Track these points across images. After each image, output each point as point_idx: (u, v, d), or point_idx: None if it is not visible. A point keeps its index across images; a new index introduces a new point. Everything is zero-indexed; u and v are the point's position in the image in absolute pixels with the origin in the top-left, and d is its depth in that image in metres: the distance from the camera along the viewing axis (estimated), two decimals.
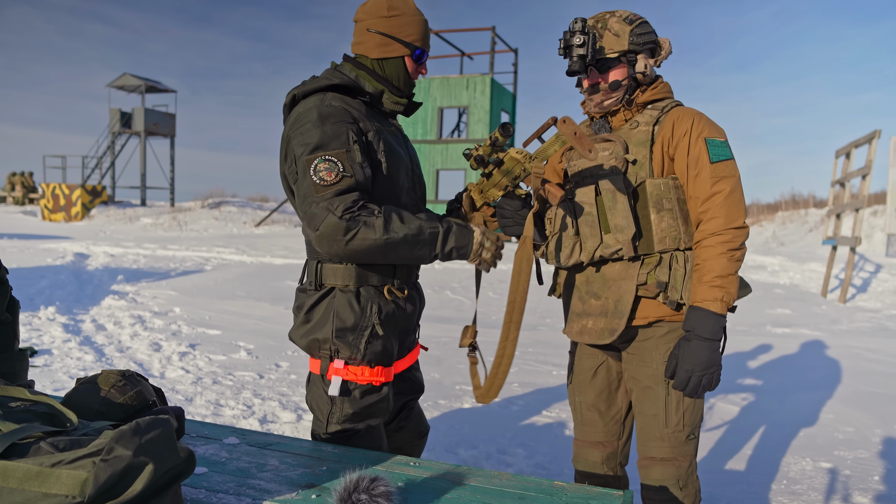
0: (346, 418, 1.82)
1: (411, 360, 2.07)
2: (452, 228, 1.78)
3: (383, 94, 1.89)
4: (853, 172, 10.13)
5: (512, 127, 1.77)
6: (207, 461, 1.53)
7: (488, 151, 1.85)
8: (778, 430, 3.88)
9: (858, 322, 7.91)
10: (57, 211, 23.29)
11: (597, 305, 1.92)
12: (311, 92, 1.82)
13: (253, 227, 20.30)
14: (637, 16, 1.92)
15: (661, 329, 1.89)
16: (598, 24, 1.91)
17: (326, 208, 1.65)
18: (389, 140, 1.86)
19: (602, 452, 2.09)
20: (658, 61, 1.96)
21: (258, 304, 7.64)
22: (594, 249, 1.88)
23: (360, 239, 1.65)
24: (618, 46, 1.88)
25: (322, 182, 1.67)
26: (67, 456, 1.08)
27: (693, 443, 1.91)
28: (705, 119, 1.88)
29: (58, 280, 8.59)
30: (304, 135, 1.73)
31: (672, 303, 1.84)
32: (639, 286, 1.86)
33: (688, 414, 1.88)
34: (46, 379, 4.32)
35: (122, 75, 26.13)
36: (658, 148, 1.87)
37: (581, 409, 2.12)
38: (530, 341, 6.13)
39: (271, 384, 4.51)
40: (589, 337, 1.94)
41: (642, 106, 1.94)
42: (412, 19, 1.86)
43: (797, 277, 11.78)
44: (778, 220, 20.23)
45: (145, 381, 1.71)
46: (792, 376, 5.16)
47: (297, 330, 1.87)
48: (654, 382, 1.90)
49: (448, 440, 3.54)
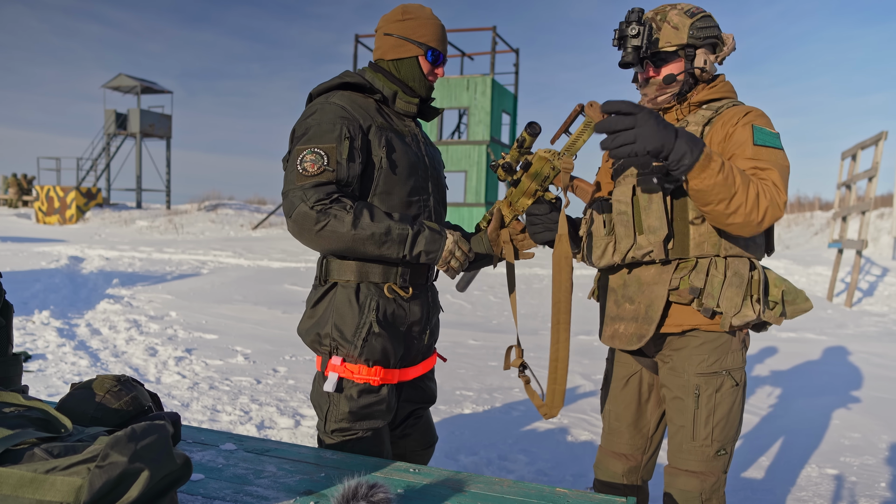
0: (343, 417, 1.85)
1: (425, 369, 2.07)
2: (423, 232, 1.81)
3: (396, 95, 1.96)
4: (859, 174, 10.14)
5: (538, 125, 1.75)
6: (204, 467, 1.53)
7: (515, 156, 1.82)
8: (783, 435, 3.88)
9: (865, 326, 7.90)
10: (51, 213, 23.29)
11: (630, 310, 1.87)
12: (324, 90, 1.94)
13: (250, 230, 20.30)
14: (700, 9, 1.85)
15: (695, 339, 1.83)
16: (657, 15, 1.85)
17: (301, 197, 1.75)
18: (394, 138, 1.91)
19: (625, 465, 2.04)
20: (720, 58, 1.89)
21: (255, 308, 7.64)
22: (627, 250, 1.83)
23: (329, 231, 1.74)
24: (676, 40, 1.82)
25: (304, 172, 1.77)
26: (62, 462, 1.08)
27: (723, 458, 1.84)
28: (760, 112, 1.79)
29: (52, 284, 8.60)
30: (302, 127, 1.85)
31: (707, 310, 1.77)
32: (671, 291, 1.80)
33: (718, 429, 1.82)
34: (41, 384, 4.31)
35: (118, 76, 26.17)
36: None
37: (609, 418, 2.08)
38: (532, 346, 6.13)
39: (269, 389, 4.51)
40: (619, 342, 1.90)
41: (697, 105, 1.88)
42: (426, 22, 1.96)
43: (802, 281, 11.78)
44: (783, 223, 20.23)
45: (141, 386, 1.71)
46: (797, 381, 5.15)
47: (303, 324, 1.94)
48: (684, 394, 1.85)
49: (448, 446, 3.54)
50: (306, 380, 4.78)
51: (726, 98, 1.88)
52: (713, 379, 1.82)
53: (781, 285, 1.85)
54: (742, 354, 1.86)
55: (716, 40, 1.86)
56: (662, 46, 1.84)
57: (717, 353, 1.82)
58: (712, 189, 1.59)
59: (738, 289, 1.77)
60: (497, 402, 4.41)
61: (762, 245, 1.88)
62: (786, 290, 1.85)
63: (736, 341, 1.84)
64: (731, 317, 1.77)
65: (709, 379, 1.82)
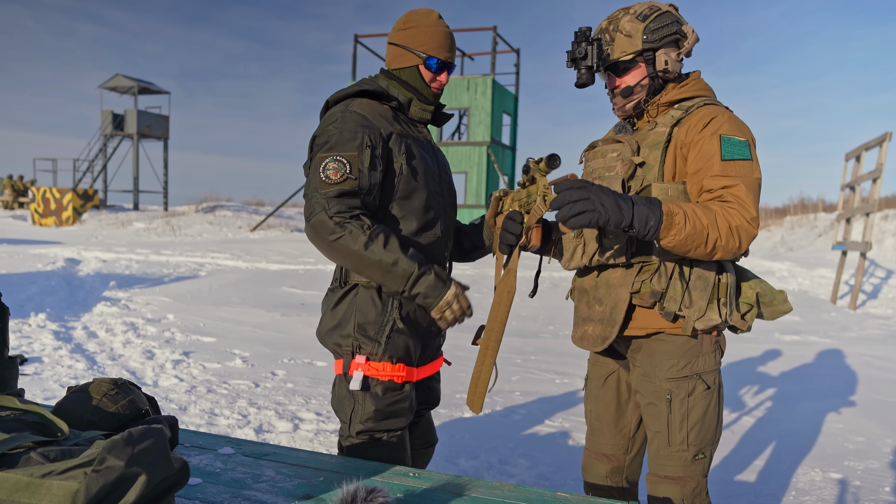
0: (369, 416, 1.89)
1: (433, 370, 2.12)
2: (428, 275, 1.83)
3: (411, 102, 2.02)
4: (864, 176, 10.15)
5: (559, 159, 1.77)
6: (202, 472, 1.53)
7: (535, 169, 1.85)
8: (786, 439, 3.88)
9: (869, 329, 7.90)
10: (47, 215, 23.30)
11: (599, 311, 1.89)
12: (342, 98, 2.00)
13: (248, 231, 20.30)
14: (653, 8, 1.83)
15: (664, 343, 1.83)
16: (609, 25, 1.85)
17: (322, 205, 1.80)
18: (412, 145, 1.97)
19: (607, 465, 2.06)
20: (682, 53, 1.87)
21: (254, 311, 7.64)
22: (594, 253, 1.85)
23: (341, 244, 1.78)
24: (631, 48, 1.82)
25: (327, 179, 1.82)
26: (58, 466, 1.08)
27: (701, 462, 1.85)
28: (728, 116, 1.78)
29: (48, 286, 8.60)
30: (324, 135, 1.90)
31: (669, 314, 1.77)
32: (633, 294, 1.81)
33: (693, 433, 1.82)
34: (37, 387, 4.32)
35: (115, 76, 26.18)
36: (672, 150, 1.80)
37: (591, 419, 2.10)
38: (532, 349, 6.13)
39: (267, 393, 4.51)
40: (587, 343, 1.92)
41: (667, 106, 1.87)
42: (427, 30, 2.00)
43: (806, 283, 11.78)
44: (786, 225, 20.23)
45: (138, 389, 1.71)
46: (801, 385, 5.15)
47: (323, 326, 1.99)
48: (657, 399, 1.85)
49: (448, 450, 3.54)
50: (305, 383, 4.78)
51: (698, 97, 1.87)
52: (684, 383, 1.82)
53: (756, 287, 1.85)
54: (714, 357, 1.86)
55: (676, 36, 1.84)
56: (618, 57, 1.84)
57: (686, 357, 1.82)
58: (685, 242, 1.62)
59: (703, 292, 1.77)
60: (497, 406, 4.41)
61: None
62: (761, 291, 1.85)
63: (707, 344, 1.84)
64: (693, 320, 1.77)
65: (680, 383, 1.82)
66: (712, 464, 3.43)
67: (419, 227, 1.97)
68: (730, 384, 5.04)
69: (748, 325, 1.85)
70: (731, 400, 4.65)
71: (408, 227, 1.95)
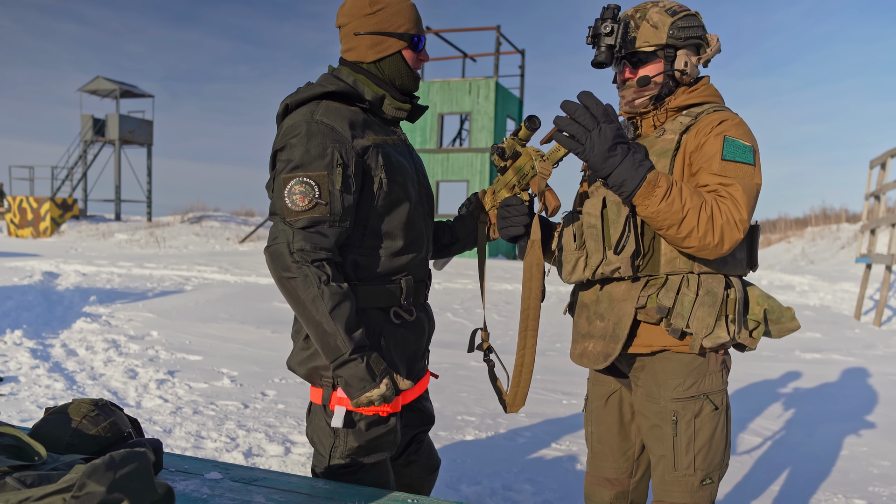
0: (351, 452, 1.82)
1: (420, 390, 2.06)
2: (357, 364, 1.68)
3: (384, 100, 1.89)
4: (889, 184, 10.16)
5: (538, 120, 1.78)
6: (188, 498, 1.53)
7: (511, 145, 1.86)
8: (807, 463, 3.87)
9: (895, 347, 7.90)
10: (24, 226, 23.34)
11: (600, 327, 1.89)
12: (304, 101, 1.82)
13: (237, 243, 20.34)
14: (683, 7, 1.86)
15: (669, 362, 1.83)
16: (636, 13, 1.86)
17: (287, 237, 1.69)
18: (390, 152, 1.85)
19: (611, 491, 2.05)
20: (703, 60, 1.89)
21: (242, 328, 7.64)
22: (597, 266, 1.84)
23: (291, 285, 1.67)
24: (655, 39, 1.82)
25: (293, 206, 1.69)
26: (36, 492, 1.08)
27: (709, 488, 1.84)
28: (737, 122, 1.79)
29: (25, 301, 8.60)
30: (288, 150, 1.75)
31: (676, 331, 1.77)
32: (638, 309, 1.81)
33: (700, 457, 1.82)
34: (13, 409, 4.31)
35: (96, 79, 26.31)
36: (681, 158, 1.80)
37: (592, 441, 2.10)
38: (538, 367, 6.12)
39: (257, 414, 4.50)
40: (587, 360, 1.92)
41: (676, 110, 1.88)
42: (398, 7, 1.86)
43: (828, 298, 11.78)
44: (807, 236, 20.25)
45: (120, 410, 1.71)
46: (823, 406, 5.15)
47: (296, 356, 1.88)
48: (661, 421, 1.85)
49: (449, 475, 3.53)
50: (297, 404, 4.78)
51: (708, 103, 1.88)
52: (691, 404, 1.82)
53: (764, 303, 1.86)
54: (722, 376, 1.86)
55: (699, 41, 1.86)
56: (640, 46, 1.85)
57: (693, 376, 1.82)
58: (657, 215, 1.66)
59: (711, 308, 1.77)
60: (501, 428, 4.40)
61: (743, 261, 1.87)
62: (769, 308, 1.86)
63: (714, 363, 1.84)
64: (701, 338, 1.77)
65: (686, 404, 1.82)
66: (725, 490, 3.43)
67: (405, 245, 1.88)
68: (747, 405, 5.04)
69: (756, 343, 1.85)
70: (747, 422, 4.64)
71: (392, 245, 1.85)
